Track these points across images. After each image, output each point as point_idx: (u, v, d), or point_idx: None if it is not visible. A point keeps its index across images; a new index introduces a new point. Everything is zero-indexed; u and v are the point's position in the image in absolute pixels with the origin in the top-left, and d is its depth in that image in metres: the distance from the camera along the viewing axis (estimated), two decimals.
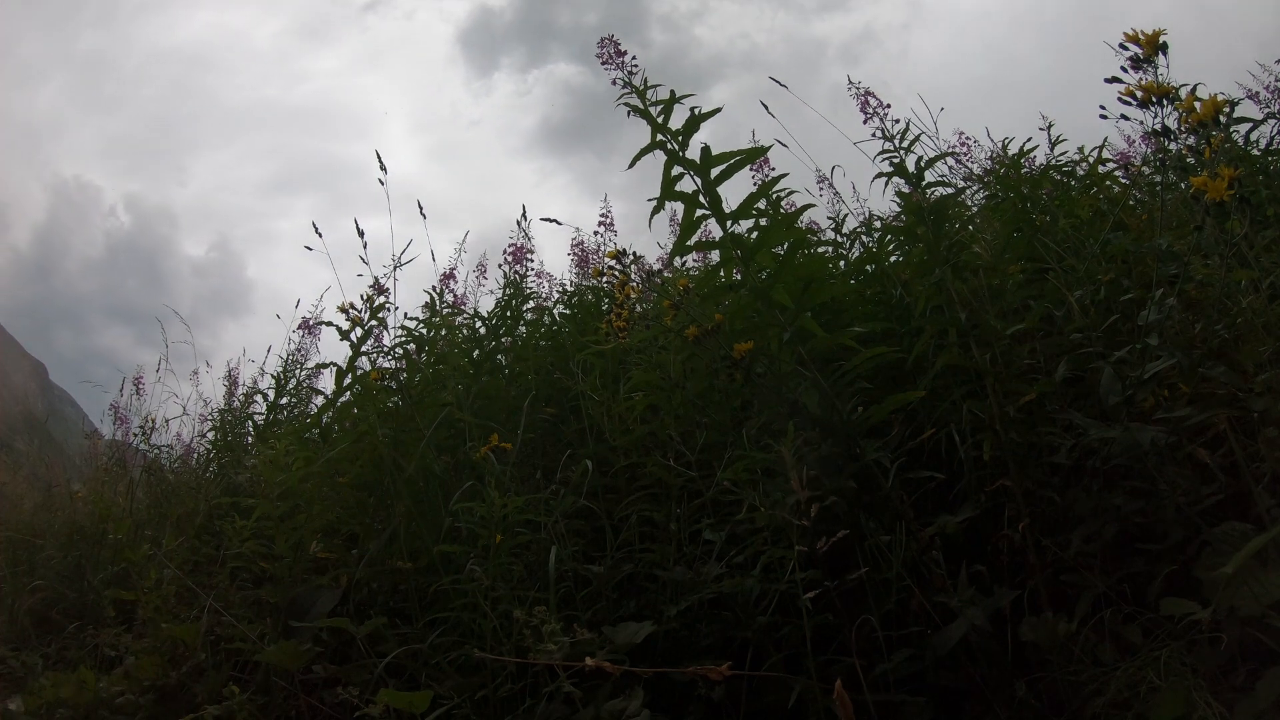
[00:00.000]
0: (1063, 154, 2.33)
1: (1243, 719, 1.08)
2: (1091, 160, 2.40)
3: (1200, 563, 1.24)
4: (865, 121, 1.79)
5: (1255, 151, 2.05)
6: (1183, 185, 1.57)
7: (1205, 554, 1.24)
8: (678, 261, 2.79)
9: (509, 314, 2.46)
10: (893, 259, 2.08)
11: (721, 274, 1.69)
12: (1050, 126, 2.36)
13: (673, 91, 1.52)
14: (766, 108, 1.94)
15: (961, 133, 2.93)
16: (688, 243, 1.70)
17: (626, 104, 1.55)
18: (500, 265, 2.87)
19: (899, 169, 1.73)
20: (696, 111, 1.51)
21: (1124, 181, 2.41)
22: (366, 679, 1.70)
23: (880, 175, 1.76)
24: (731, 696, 1.48)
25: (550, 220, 2.60)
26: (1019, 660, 1.40)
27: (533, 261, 2.87)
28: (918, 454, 1.66)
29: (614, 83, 1.57)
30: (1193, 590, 1.24)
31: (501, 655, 1.52)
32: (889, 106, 1.78)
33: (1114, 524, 1.42)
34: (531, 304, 2.76)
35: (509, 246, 2.85)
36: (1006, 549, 1.55)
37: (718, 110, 1.52)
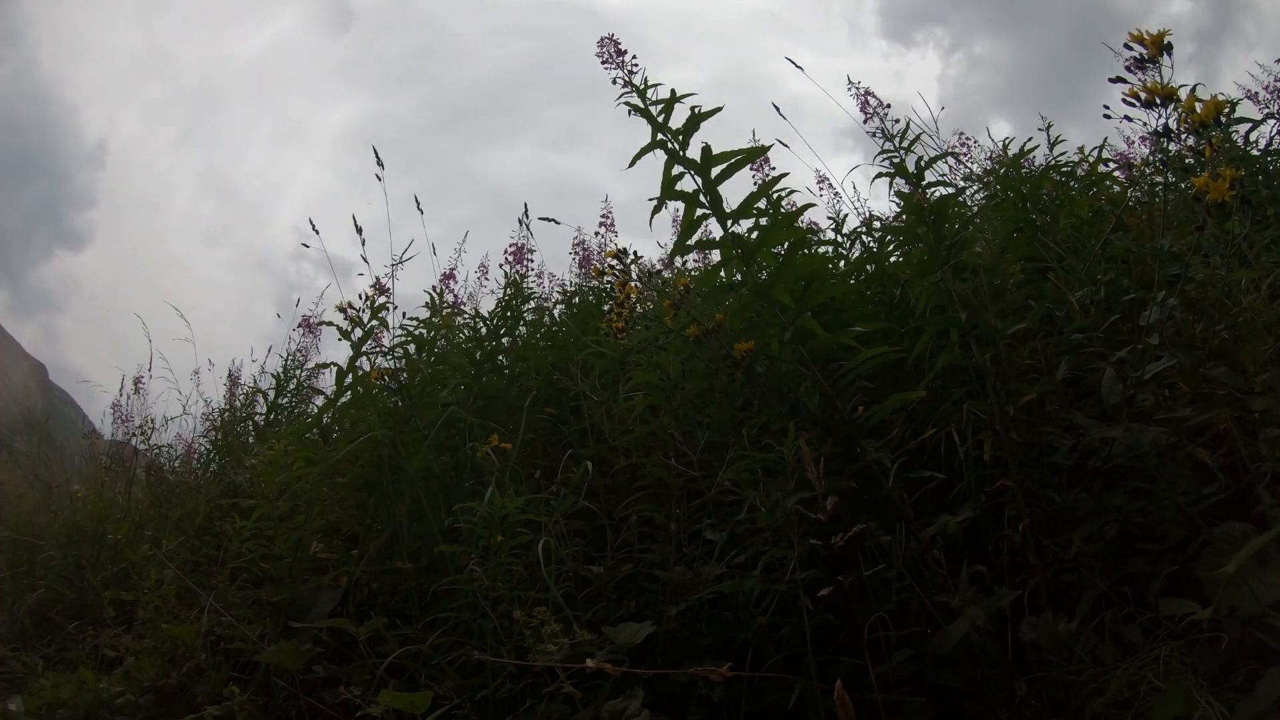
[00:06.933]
0: (1062, 154, 2.33)
1: (1243, 719, 1.08)
2: (1091, 160, 2.40)
3: (1201, 562, 1.25)
4: (865, 121, 1.79)
5: (1255, 152, 2.05)
6: (1183, 186, 1.57)
7: (1206, 554, 1.25)
8: (678, 261, 2.79)
9: (509, 314, 2.46)
10: (893, 259, 2.08)
11: (722, 273, 1.70)
12: (1050, 126, 2.36)
13: (673, 90, 1.53)
14: (778, 109, 1.94)
15: (961, 133, 2.94)
16: (688, 242, 1.70)
17: (627, 103, 1.56)
18: (501, 265, 2.88)
19: (899, 169, 1.73)
20: (697, 111, 1.52)
21: (1124, 182, 2.41)
22: (367, 679, 1.70)
23: (880, 175, 1.77)
24: (731, 696, 1.48)
25: (549, 220, 2.61)
26: (1019, 660, 1.40)
27: (533, 261, 2.88)
28: (918, 454, 1.66)
29: (614, 82, 1.57)
30: (1193, 590, 1.24)
31: (501, 656, 1.52)
32: (889, 106, 1.79)
33: (1114, 524, 1.42)
34: (532, 304, 2.76)
35: (510, 246, 2.86)
36: (1007, 549, 1.55)
37: (718, 109, 1.52)
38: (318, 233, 2.47)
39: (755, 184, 1.67)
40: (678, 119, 1.54)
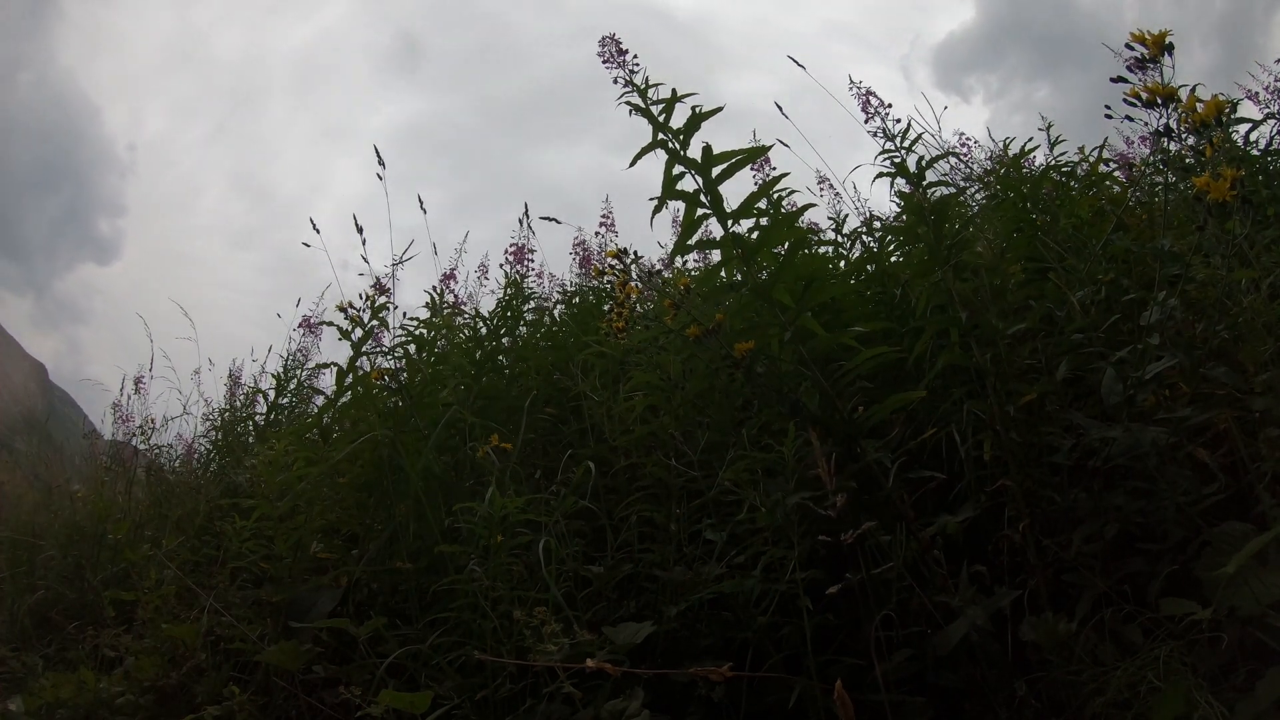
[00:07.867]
0: (1062, 154, 2.32)
1: (1243, 719, 1.08)
2: (1091, 160, 2.39)
3: (1201, 562, 1.25)
4: (866, 121, 1.79)
5: (1255, 152, 2.05)
6: (1184, 186, 1.57)
7: (1206, 554, 1.25)
8: (679, 261, 2.79)
9: (509, 314, 2.46)
10: (893, 259, 2.08)
11: (722, 273, 1.70)
12: (1050, 126, 2.36)
13: (674, 90, 1.53)
14: (780, 109, 1.94)
15: (961, 133, 2.94)
16: (689, 242, 1.70)
17: (628, 103, 1.56)
18: (501, 265, 2.88)
19: (900, 168, 1.73)
20: (697, 110, 1.52)
21: (1124, 182, 2.41)
22: (367, 679, 1.70)
23: (881, 175, 1.77)
24: (731, 696, 1.48)
25: (550, 219, 2.61)
26: (1019, 660, 1.40)
27: (533, 261, 2.88)
28: (918, 454, 1.66)
29: (615, 81, 1.57)
30: (1193, 590, 1.24)
31: (501, 656, 1.52)
32: (890, 106, 1.79)
33: (1114, 524, 1.42)
34: (532, 304, 2.76)
35: (510, 246, 2.86)
36: (1007, 549, 1.55)
37: (719, 109, 1.52)
38: (318, 232, 2.48)
39: (756, 184, 1.68)
40: (678, 119, 1.55)
